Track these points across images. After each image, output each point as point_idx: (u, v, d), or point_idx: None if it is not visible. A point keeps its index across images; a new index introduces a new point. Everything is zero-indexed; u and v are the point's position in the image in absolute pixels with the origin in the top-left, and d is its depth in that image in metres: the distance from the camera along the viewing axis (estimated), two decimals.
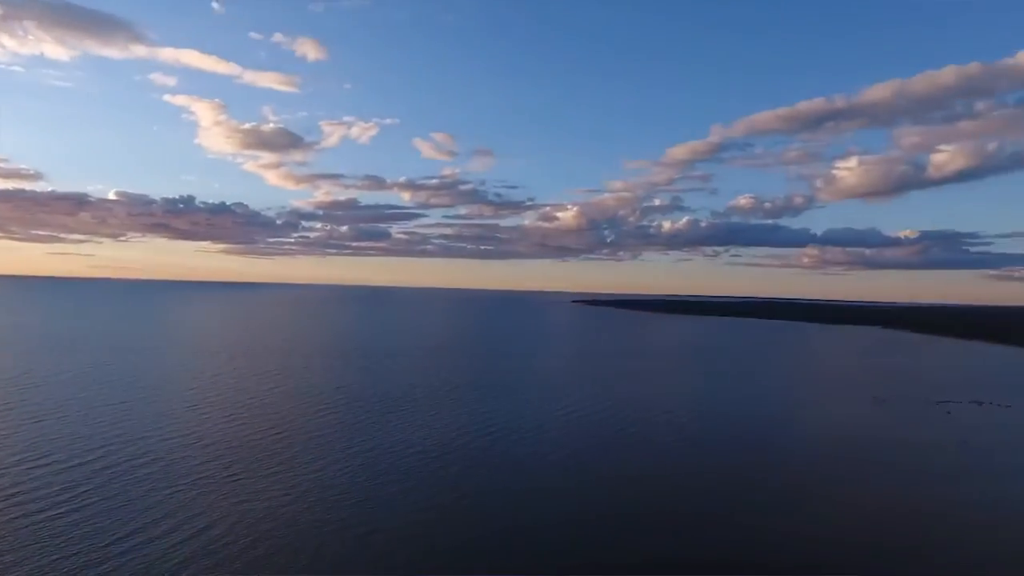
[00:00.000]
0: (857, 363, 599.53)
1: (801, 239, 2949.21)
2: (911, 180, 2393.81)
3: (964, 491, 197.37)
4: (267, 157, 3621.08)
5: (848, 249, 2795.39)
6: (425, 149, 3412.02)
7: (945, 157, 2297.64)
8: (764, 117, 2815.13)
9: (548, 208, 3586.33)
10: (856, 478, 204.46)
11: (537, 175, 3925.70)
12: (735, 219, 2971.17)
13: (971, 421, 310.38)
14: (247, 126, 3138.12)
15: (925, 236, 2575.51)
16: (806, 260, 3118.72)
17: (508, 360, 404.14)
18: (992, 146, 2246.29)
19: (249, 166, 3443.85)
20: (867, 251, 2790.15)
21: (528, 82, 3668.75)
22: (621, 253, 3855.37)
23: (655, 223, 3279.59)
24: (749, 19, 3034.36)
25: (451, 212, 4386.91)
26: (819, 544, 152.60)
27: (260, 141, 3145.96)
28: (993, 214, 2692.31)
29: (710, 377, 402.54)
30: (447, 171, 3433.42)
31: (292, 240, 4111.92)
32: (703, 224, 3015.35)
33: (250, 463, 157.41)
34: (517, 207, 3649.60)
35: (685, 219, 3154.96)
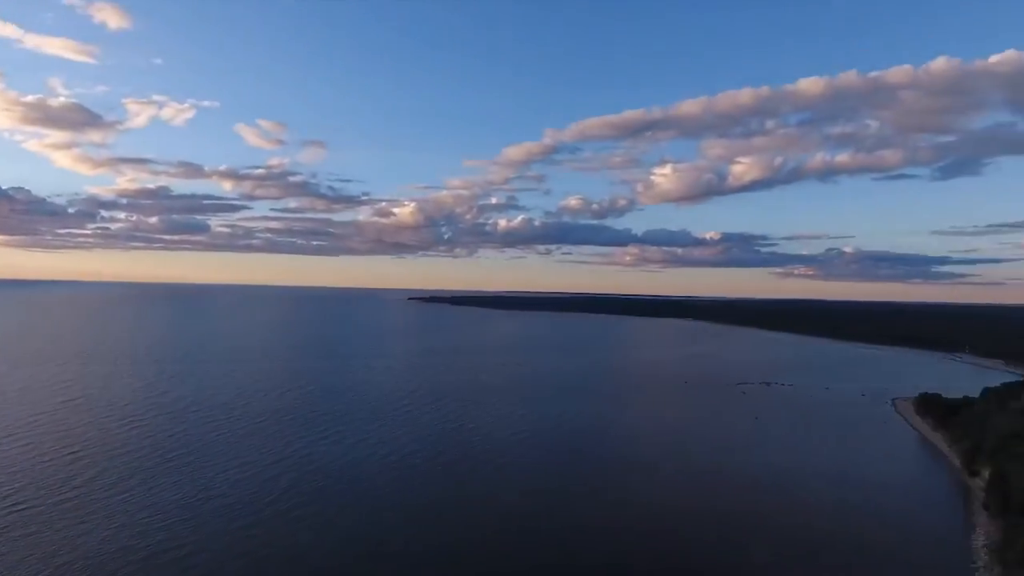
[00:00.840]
0: (671, 351, 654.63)
1: (624, 239, 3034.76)
2: (715, 187, 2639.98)
3: (757, 457, 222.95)
4: (55, 136, 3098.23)
5: (664, 248, 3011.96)
6: (250, 136, 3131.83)
7: (743, 168, 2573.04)
8: (593, 123, 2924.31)
9: (385, 204, 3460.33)
10: (672, 451, 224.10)
11: (373, 170, 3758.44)
12: (566, 219, 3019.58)
13: (761, 399, 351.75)
14: (30, 98, 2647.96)
15: (726, 238, 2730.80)
16: (628, 258, 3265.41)
17: (330, 361, 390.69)
18: (778, 160, 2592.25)
19: (32, 145, 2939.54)
20: (679, 250, 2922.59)
21: (366, 75, 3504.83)
22: (458, 250, 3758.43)
23: (492, 221, 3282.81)
24: (582, 31, 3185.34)
25: (279, 205, 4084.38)
26: (643, 507, 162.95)
27: (46, 117, 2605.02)
28: (779, 219, 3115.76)
29: (539, 369, 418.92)
30: (275, 161, 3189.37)
31: (88, 232, 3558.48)
32: (537, 223, 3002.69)
33: None
34: (352, 202, 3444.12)
35: (520, 218, 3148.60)
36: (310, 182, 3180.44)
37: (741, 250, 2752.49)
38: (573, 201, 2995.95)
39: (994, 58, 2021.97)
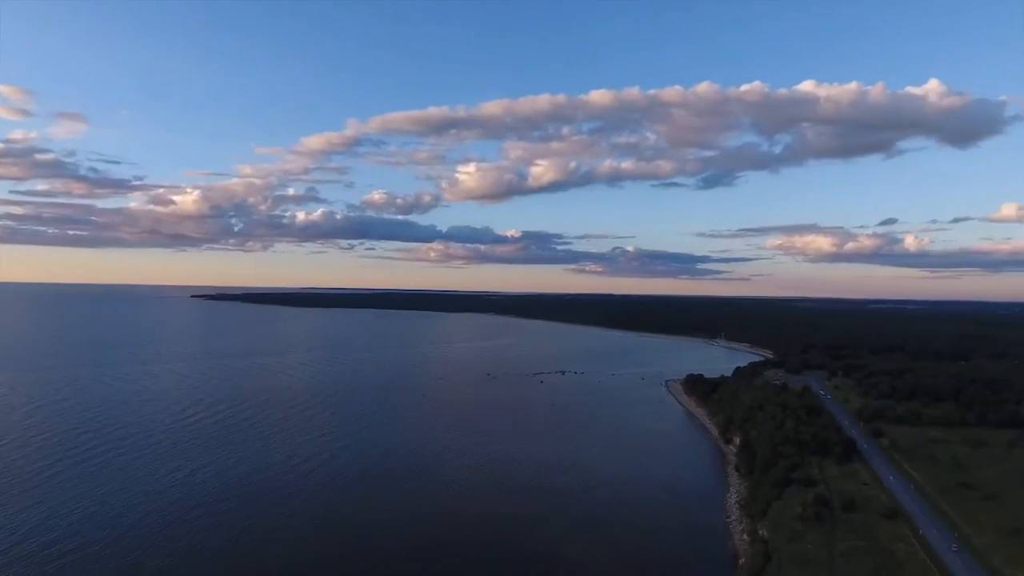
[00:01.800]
0: (474, 345, 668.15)
1: (429, 235, 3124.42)
2: (516, 187, 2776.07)
3: (554, 438, 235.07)
4: None
5: (467, 245, 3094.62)
6: None
7: (541, 170, 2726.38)
8: (397, 117, 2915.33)
9: (163, 190, 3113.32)
10: (477, 439, 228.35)
11: (147, 151, 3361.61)
12: (370, 213, 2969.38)
13: (557, 387, 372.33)
14: None
15: (526, 236, 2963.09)
16: (433, 254, 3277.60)
17: (75, 371, 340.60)
18: (573, 164, 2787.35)
19: None
20: (482, 247, 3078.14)
21: (144, 48, 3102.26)
22: (251, 243, 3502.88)
23: (289, 213, 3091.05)
24: (390, 25, 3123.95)
25: (23, 187, 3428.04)
26: (449, 491, 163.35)
27: None
28: (573, 219, 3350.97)
29: (341, 366, 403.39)
30: (17, 134, 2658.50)
31: None
32: (339, 216, 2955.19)
33: None
34: (120, 186, 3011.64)
35: (320, 210, 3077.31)
36: (65, 161, 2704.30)
37: (539, 248, 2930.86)
38: (377, 195, 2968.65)
39: (744, 87, 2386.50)
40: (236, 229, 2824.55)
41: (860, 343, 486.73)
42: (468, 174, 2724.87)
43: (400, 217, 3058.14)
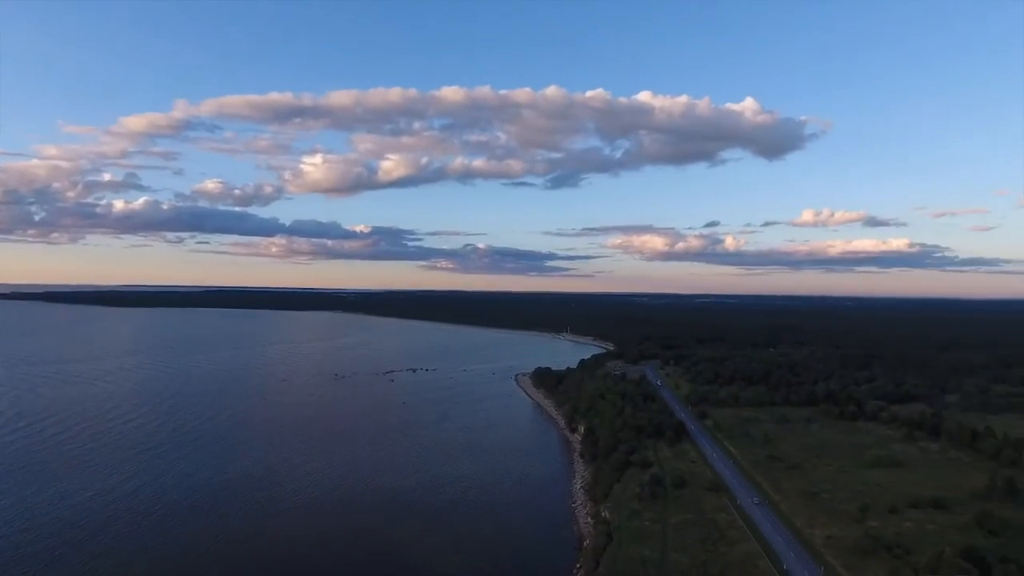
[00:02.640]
0: (321, 345, 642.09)
1: (270, 228, 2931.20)
2: (365, 181, 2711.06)
3: (406, 436, 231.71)
4: None
5: (313, 240, 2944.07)
6: None
7: (392, 164, 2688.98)
8: (234, 101, 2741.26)
9: None
10: (319, 445, 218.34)
11: None
12: (202, 203, 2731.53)
13: (408, 385, 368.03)
14: None
15: (376, 231, 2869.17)
16: (275, 249, 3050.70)
17: None
18: (424, 160, 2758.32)
19: None
20: (329, 242, 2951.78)
21: None
22: (56, 235, 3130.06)
23: (104, 201, 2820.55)
24: (226, 2, 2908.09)
25: None
26: (301, 496, 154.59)
27: None
28: (424, 216, 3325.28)
29: (166, 372, 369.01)
30: None
31: None
32: (165, 206, 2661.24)
33: None
34: None
35: (143, 199, 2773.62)
36: None
37: (390, 243, 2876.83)
38: (211, 184, 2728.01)
39: (589, 93, 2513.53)
40: (37, 218, 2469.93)
41: (689, 334, 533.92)
42: (314, 165, 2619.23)
43: (238, 209, 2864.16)
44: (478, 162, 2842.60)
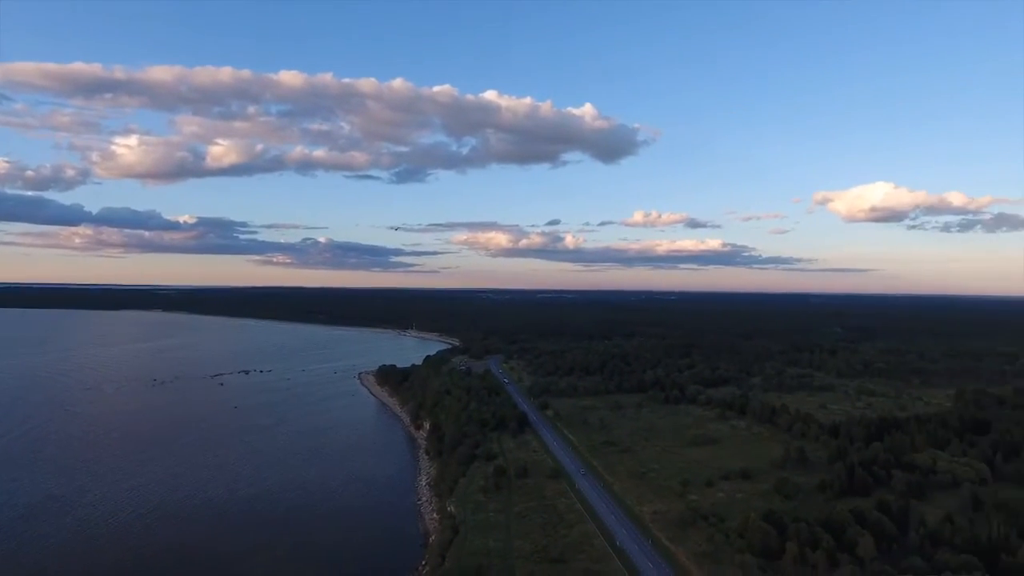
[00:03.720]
0: (138, 347, 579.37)
1: (74, 217, 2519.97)
2: (190, 167, 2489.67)
3: (240, 444, 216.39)
4: None
5: (127, 231, 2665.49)
6: None
7: (221, 150, 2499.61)
8: (26, 68, 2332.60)
9: None
10: (135, 460, 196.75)
11: None
12: None
13: (240, 388, 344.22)
14: None
15: (203, 222, 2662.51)
16: (78, 240, 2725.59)
17: None
18: (260, 147, 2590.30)
19: None
20: (147, 233, 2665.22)
21: None
22: None
23: None
24: None
25: None
26: (121, 511, 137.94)
27: None
28: (259, 207, 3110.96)
29: None
30: None
31: None
32: None
33: None
34: None
35: None
36: None
37: (219, 236, 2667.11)
38: None
39: (436, 88, 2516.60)
40: None
41: (531, 328, 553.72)
42: (128, 147, 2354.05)
43: (31, 193, 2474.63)
44: (319, 152, 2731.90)
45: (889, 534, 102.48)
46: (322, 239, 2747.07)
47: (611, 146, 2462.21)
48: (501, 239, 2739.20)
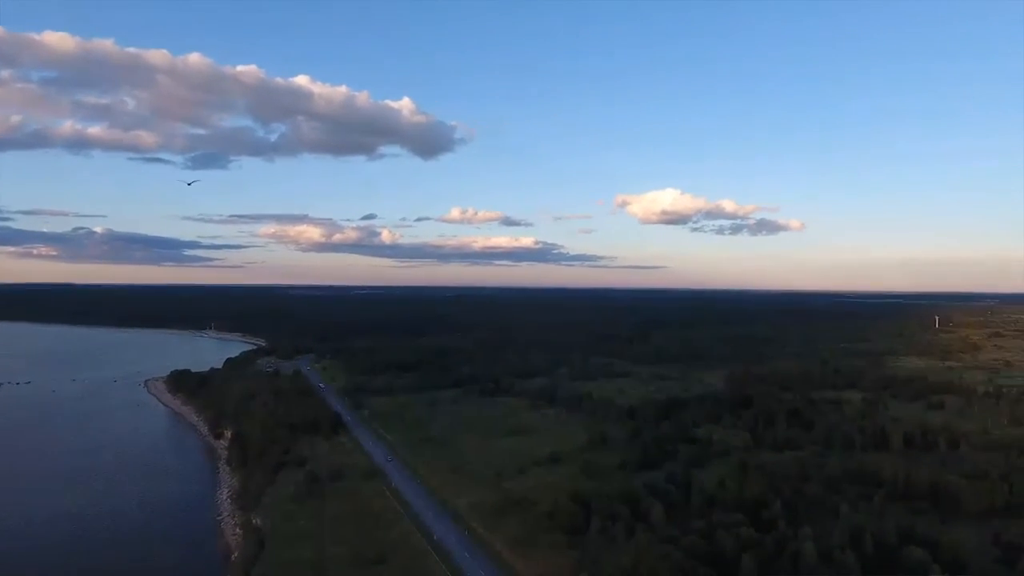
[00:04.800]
0: None
1: None
2: None
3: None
4: None
5: None
6: None
7: None
8: None
9: None
10: None
11: None
12: None
13: None
14: None
15: None
16: None
17: None
18: (17, 119, 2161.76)
19: None
20: None
21: None
22: None
23: None
24: None
25: None
26: None
27: None
28: (16, 190, 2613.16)
29: None
30: None
31: None
32: None
33: None
34: None
35: None
36: None
37: None
38: None
39: (240, 68, 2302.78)
40: None
41: (346, 326, 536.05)
42: None
43: None
44: (96, 129, 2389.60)
45: (675, 501, 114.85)
46: (99, 229, 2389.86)
47: (429, 142, 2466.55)
48: (313, 233, 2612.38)
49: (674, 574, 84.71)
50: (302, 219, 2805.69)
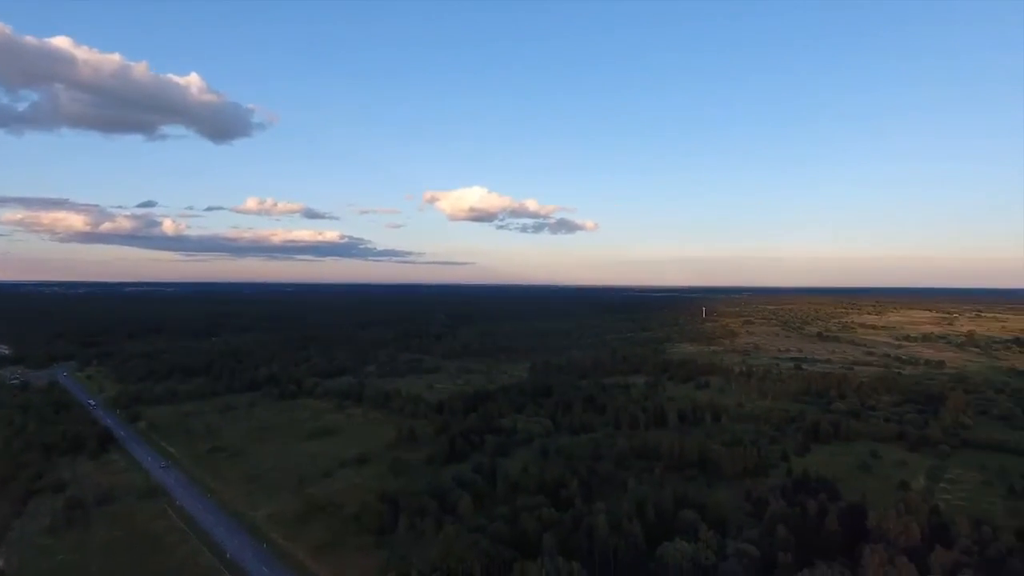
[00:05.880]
0: None
1: None
2: None
3: None
4: None
5: None
6: None
7: None
8: None
9: None
10: None
11: None
12: None
13: None
14: None
15: None
16: None
17: None
18: None
19: None
20: None
21: None
22: None
23: None
24: None
25: None
26: None
27: None
28: None
29: None
30: None
31: None
32: None
33: None
34: None
35: None
36: None
37: None
38: None
39: None
40: None
41: (117, 328, 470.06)
42: None
43: None
44: None
45: (482, 490, 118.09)
46: None
47: (222, 124, 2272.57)
48: (75, 221, 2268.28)
49: (481, 561, 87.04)
50: (60, 204, 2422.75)
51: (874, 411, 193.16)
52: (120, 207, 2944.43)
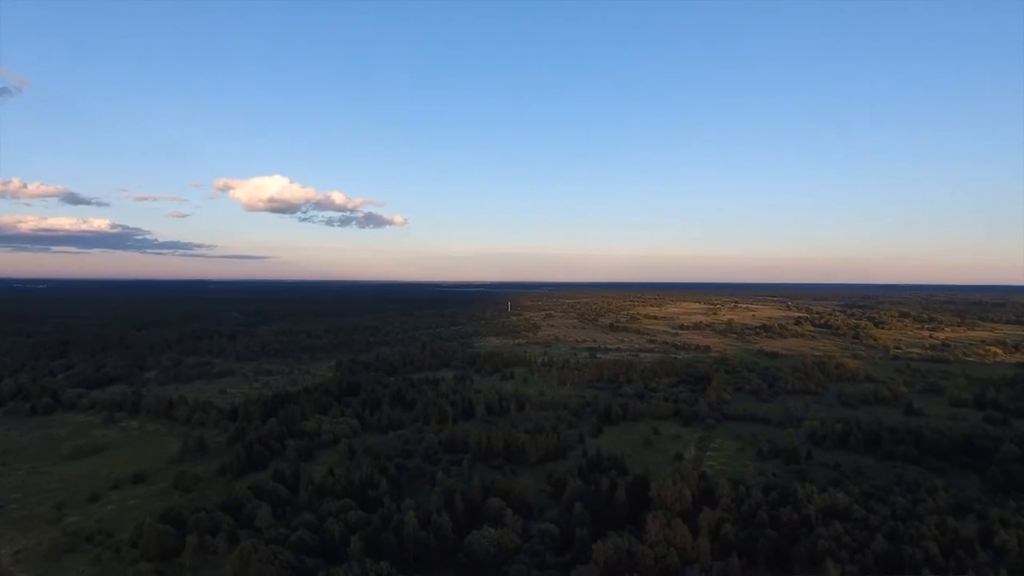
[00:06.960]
0: None
1: None
2: None
3: None
4: None
5: None
6: None
7: None
8: None
9: None
10: None
11: None
12: None
13: None
14: None
15: None
16: None
17: None
18: None
19: None
20: None
21: None
22: None
23: None
24: None
25: None
26: None
27: None
28: None
29: None
30: None
31: None
32: None
33: None
34: None
35: None
36: None
37: None
38: None
39: None
40: None
41: None
42: None
43: None
44: None
45: (284, 498, 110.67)
46: None
47: None
48: None
49: (282, 573, 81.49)
50: None
51: (655, 392, 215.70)
52: None
